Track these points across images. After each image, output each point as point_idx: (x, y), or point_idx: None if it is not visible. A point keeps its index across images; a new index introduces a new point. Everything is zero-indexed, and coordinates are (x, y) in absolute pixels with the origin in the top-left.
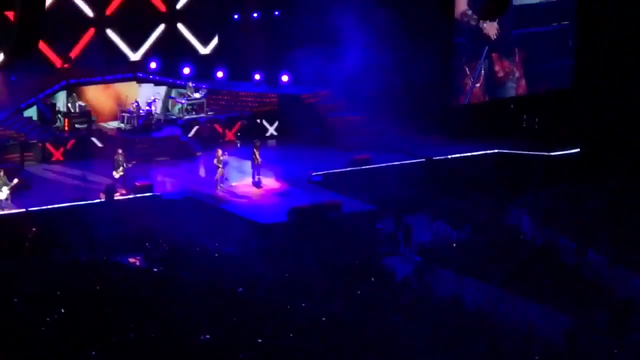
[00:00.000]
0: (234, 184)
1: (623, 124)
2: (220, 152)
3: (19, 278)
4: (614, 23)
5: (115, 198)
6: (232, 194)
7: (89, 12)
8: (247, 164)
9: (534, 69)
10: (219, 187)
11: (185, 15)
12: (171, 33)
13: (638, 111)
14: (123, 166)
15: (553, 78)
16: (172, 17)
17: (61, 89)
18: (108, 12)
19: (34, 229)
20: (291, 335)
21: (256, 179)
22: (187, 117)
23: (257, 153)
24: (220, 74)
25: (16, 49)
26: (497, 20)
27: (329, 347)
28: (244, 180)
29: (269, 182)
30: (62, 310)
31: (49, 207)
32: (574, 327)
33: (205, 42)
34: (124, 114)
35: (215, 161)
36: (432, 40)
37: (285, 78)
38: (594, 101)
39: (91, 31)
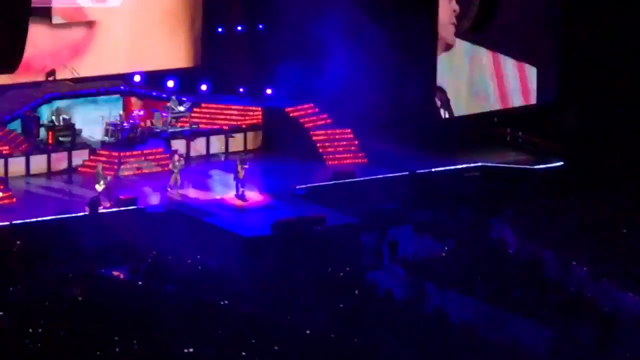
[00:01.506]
0: (217, 196)
1: (607, 137)
2: (176, 157)
3: (3, 291)
4: (599, 34)
5: (100, 211)
6: (215, 207)
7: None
8: (231, 177)
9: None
10: (170, 191)
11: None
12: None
13: (622, 124)
14: (104, 179)
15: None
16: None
17: (44, 102)
18: None
19: (18, 242)
20: (275, 348)
21: (240, 192)
22: (171, 130)
23: (240, 166)
24: (204, 87)
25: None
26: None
27: None
28: (228, 194)
29: (253, 195)
30: (47, 323)
31: (33, 220)
32: (558, 341)
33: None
34: (108, 127)
35: (170, 166)
36: (416, 54)
37: (269, 91)
38: (578, 114)
39: None
